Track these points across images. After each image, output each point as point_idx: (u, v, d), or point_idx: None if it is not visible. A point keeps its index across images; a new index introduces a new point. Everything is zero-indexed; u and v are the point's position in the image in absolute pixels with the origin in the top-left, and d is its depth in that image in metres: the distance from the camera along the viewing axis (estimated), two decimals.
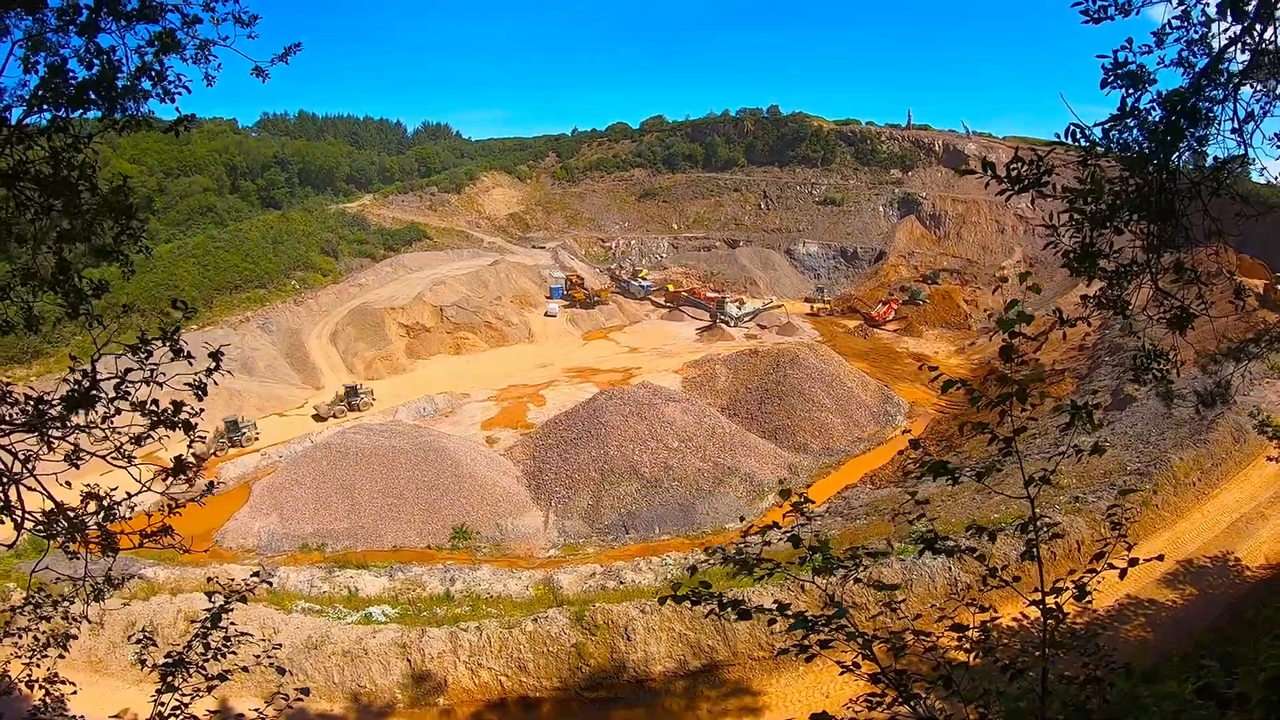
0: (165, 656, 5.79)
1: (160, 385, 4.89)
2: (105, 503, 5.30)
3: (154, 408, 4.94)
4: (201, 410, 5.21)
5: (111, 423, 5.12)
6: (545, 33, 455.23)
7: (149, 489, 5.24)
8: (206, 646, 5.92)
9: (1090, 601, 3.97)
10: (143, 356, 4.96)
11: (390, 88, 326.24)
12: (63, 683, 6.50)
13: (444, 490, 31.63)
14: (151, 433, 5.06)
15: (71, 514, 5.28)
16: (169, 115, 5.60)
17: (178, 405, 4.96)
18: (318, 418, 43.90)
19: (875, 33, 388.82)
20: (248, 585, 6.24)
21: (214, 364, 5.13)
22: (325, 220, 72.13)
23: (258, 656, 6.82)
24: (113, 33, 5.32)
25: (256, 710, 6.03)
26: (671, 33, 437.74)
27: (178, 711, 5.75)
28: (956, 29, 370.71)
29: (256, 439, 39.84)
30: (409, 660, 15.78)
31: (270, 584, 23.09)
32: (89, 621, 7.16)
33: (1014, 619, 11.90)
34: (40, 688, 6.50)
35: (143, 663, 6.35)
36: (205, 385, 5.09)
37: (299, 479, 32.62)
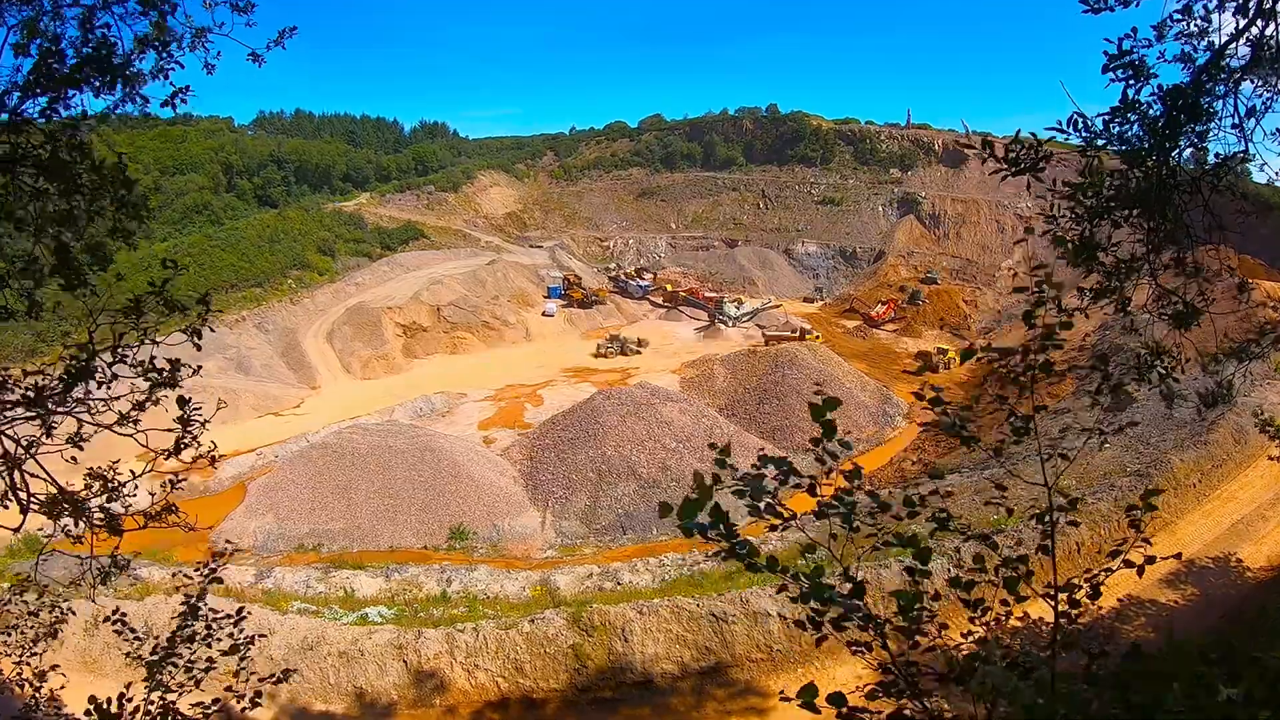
0: (151, 653, 5.74)
1: (156, 344, 4.93)
2: (110, 484, 5.26)
3: (152, 366, 4.96)
4: (196, 378, 5.19)
5: (109, 389, 5.11)
6: (544, 32, 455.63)
7: (154, 465, 5.21)
8: (190, 638, 5.88)
9: (1098, 600, 3.92)
10: (135, 318, 4.95)
11: (387, 86, 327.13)
12: (55, 672, 6.44)
13: (441, 490, 31.51)
14: (151, 398, 5.08)
15: (75, 496, 5.25)
16: (167, 115, 5.59)
17: (175, 364, 4.95)
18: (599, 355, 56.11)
19: (875, 32, 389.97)
20: (213, 570, 6.21)
21: (204, 308, 5.13)
22: (322, 219, 71.83)
23: (239, 646, 6.76)
24: (107, 10, 5.26)
25: (252, 700, 5.97)
26: (671, 32, 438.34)
27: (167, 709, 5.68)
28: (956, 28, 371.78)
29: None
30: (405, 661, 15.69)
31: (266, 585, 23.02)
32: (74, 613, 7.08)
33: (1018, 617, 11.85)
34: (31, 686, 6.44)
35: (126, 655, 6.30)
36: (200, 331, 5.14)
37: (295, 479, 32.46)
